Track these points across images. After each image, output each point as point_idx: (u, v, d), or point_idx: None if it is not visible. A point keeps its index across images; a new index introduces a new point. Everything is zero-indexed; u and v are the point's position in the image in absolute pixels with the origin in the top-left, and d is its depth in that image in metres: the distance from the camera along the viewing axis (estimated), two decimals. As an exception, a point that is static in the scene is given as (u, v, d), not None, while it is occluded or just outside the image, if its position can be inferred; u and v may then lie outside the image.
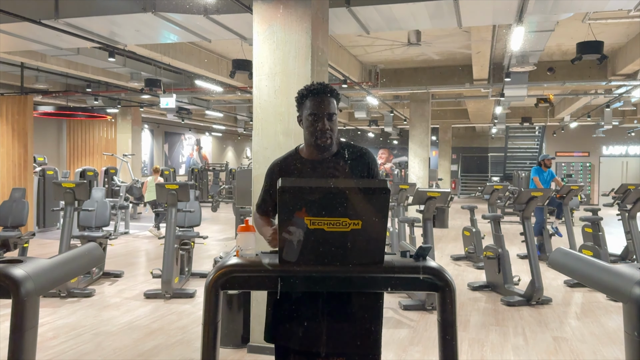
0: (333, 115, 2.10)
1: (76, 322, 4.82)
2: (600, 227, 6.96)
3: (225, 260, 1.79)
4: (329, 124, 2.07)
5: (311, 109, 2.08)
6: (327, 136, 2.07)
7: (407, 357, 4.01)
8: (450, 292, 1.73)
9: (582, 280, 2.11)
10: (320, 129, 2.06)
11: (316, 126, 2.07)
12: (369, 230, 1.69)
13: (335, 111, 2.12)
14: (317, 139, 2.08)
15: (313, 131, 2.08)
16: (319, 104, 2.08)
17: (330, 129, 2.08)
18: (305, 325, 1.91)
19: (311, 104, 2.09)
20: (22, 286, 1.68)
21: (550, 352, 4.16)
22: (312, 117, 2.08)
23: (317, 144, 2.10)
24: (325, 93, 2.09)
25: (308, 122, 2.10)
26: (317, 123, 2.07)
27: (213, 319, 1.70)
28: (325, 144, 2.08)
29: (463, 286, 6.32)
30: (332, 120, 2.09)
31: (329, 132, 2.07)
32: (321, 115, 2.07)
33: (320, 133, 2.07)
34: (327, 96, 2.09)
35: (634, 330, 1.74)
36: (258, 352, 4.00)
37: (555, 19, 6.55)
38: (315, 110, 2.07)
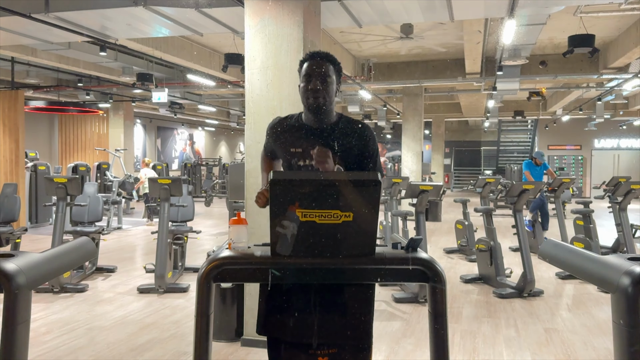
0: (327, 77, 2.10)
1: (69, 317, 4.81)
2: (591, 220, 7.01)
3: (218, 253, 1.79)
4: (322, 85, 2.09)
5: (305, 70, 2.12)
6: (319, 95, 2.08)
7: (400, 349, 4.04)
8: (441, 283, 1.74)
9: (571, 271, 2.13)
10: (312, 87, 2.08)
11: (308, 85, 2.09)
12: (360, 222, 1.70)
13: (330, 74, 2.12)
14: (308, 98, 2.10)
15: (305, 91, 2.10)
16: (314, 65, 2.11)
17: (322, 89, 2.09)
18: (296, 317, 1.92)
19: (306, 67, 2.13)
20: (13, 280, 1.68)
21: (541, 343, 4.20)
22: (305, 77, 2.11)
23: (309, 104, 2.11)
24: (320, 57, 2.13)
25: (303, 84, 2.13)
26: (309, 83, 2.09)
27: (205, 311, 1.71)
28: (317, 103, 2.09)
29: (455, 279, 6.36)
30: (325, 82, 2.10)
31: (321, 91, 2.08)
32: (314, 76, 2.09)
33: (312, 92, 2.08)
34: (322, 60, 2.12)
35: (622, 321, 1.77)
36: (251, 346, 4.01)
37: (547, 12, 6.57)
38: (309, 71, 2.11)
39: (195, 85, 12.18)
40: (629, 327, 1.74)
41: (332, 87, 2.12)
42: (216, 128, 25.80)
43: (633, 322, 1.73)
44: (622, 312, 1.76)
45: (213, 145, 26.68)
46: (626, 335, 1.75)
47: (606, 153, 21.88)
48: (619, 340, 1.79)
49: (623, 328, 1.76)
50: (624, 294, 1.74)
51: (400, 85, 13.04)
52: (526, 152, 24.66)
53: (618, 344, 1.80)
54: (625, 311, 1.74)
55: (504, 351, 4.02)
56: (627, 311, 1.74)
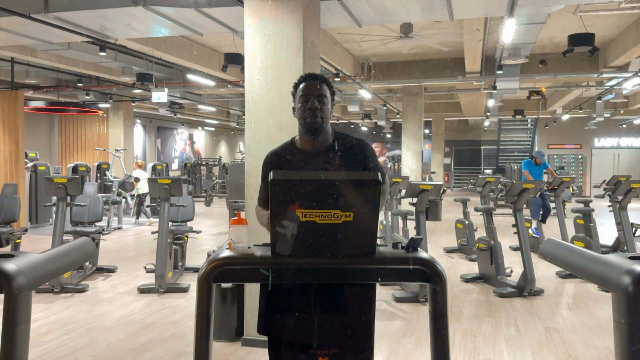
0: (323, 97, 2.12)
1: (69, 318, 4.81)
2: (591, 219, 7.01)
3: (218, 253, 1.79)
4: (319, 105, 2.10)
5: (302, 91, 2.13)
6: (317, 115, 2.08)
7: (400, 348, 4.03)
8: (441, 283, 1.74)
9: (572, 270, 2.13)
10: (310, 107, 2.09)
11: (306, 106, 2.10)
12: (360, 222, 1.69)
13: (327, 95, 2.14)
14: (306, 118, 2.09)
15: (303, 111, 2.10)
16: (310, 86, 2.12)
17: (320, 109, 2.09)
18: (297, 317, 1.92)
19: (302, 88, 2.13)
20: (13, 280, 1.67)
21: (542, 343, 4.20)
22: (302, 98, 2.11)
23: (306, 124, 2.10)
24: (316, 79, 2.14)
25: (299, 105, 2.12)
26: (307, 103, 2.10)
27: (206, 312, 1.71)
28: (315, 122, 2.08)
29: (456, 278, 6.35)
30: (322, 102, 2.11)
31: (318, 111, 2.09)
32: (311, 96, 2.10)
33: (310, 112, 2.08)
34: (318, 81, 2.14)
35: (622, 320, 1.77)
36: (252, 345, 4.01)
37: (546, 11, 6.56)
38: (306, 91, 2.11)
39: (195, 85, 12.18)
40: (629, 326, 1.74)
41: (328, 106, 2.15)
42: (216, 128, 25.80)
43: (634, 321, 1.72)
44: (623, 311, 1.75)
45: (213, 145, 26.68)
46: (627, 334, 1.75)
47: (606, 152, 21.88)
48: (619, 339, 1.79)
49: (624, 327, 1.76)
50: (624, 292, 1.73)
51: (400, 85, 13.04)
52: (526, 151, 24.66)
53: (619, 343, 1.79)
54: (626, 310, 1.74)
55: (504, 350, 4.02)
56: (628, 310, 1.73)
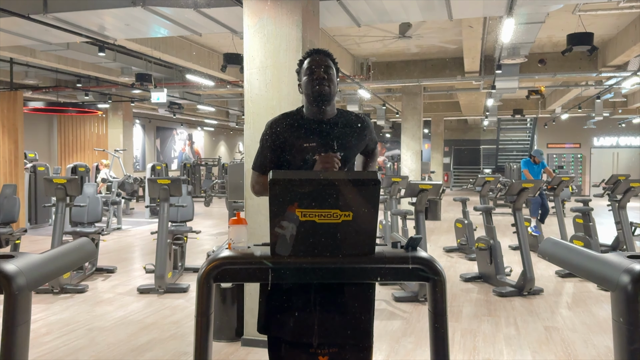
0: (329, 68, 2.17)
1: (69, 318, 4.81)
2: (590, 218, 7.02)
3: (218, 253, 1.79)
4: (326, 75, 2.14)
5: (309, 64, 2.18)
6: (325, 84, 2.13)
7: (400, 348, 4.04)
8: (441, 282, 1.74)
9: (571, 270, 2.13)
10: (317, 76, 2.13)
11: (313, 76, 2.14)
12: (359, 222, 1.70)
13: (332, 67, 2.19)
14: (314, 87, 2.13)
15: (312, 81, 2.14)
16: (315, 60, 2.17)
17: (327, 79, 2.14)
18: (297, 317, 1.92)
19: (309, 61, 2.18)
20: (13, 281, 1.67)
21: (541, 342, 4.21)
22: (309, 70, 2.16)
23: (314, 92, 2.13)
24: (320, 53, 2.20)
25: (306, 76, 2.16)
26: (314, 74, 2.14)
27: (206, 311, 1.71)
28: (323, 91, 2.12)
29: (455, 277, 6.36)
30: (328, 73, 2.15)
31: (326, 80, 2.13)
32: (318, 67, 2.15)
33: (318, 81, 2.13)
34: (324, 55, 2.20)
35: (621, 319, 1.77)
36: (252, 345, 4.02)
37: (545, 10, 6.57)
38: (313, 64, 2.16)
39: (194, 85, 12.18)
40: (628, 325, 1.75)
41: (334, 78, 2.19)
42: (215, 128, 25.79)
43: (633, 320, 1.73)
44: (622, 310, 1.76)
45: (212, 145, 26.67)
46: (626, 333, 1.76)
47: (605, 151, 21.90)
48: (618, 338, 1.79)
49: (623, 326, 1.76)
50: (623, 291, 1.74)
51: (399, 84, 13.04)
52: (525, 151, 24.68)
53: (618, 341, 1.80)
54: (625, 309, 1.75)
55: (504, 349, 4.03)
56: (627, 309, 1.74)
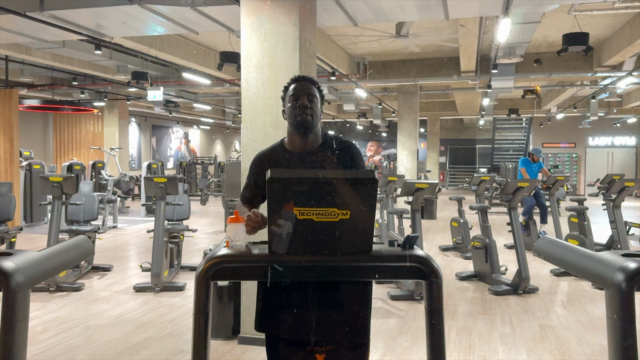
0: (313, 97, 2.15)
1: (66, 316, 4.81)
2: (585, 217, 7.06)
3: (215, 251, 1.80)
4: (309, 104, 2.13)
5: (292, 91, 2.16)
6: (307, 113, 2.12)
7: (396, 346, 4.06)
8: (437, 280, 1.75)
9: (566, 268, 2.14)
10: (300, 104, 2.12)
11: (296, 104, 2.13)
12: (357, 220, 1.71)
13: (316, 95, 2.17)
14: (297, 116, 2.12)
15: (294, 109, 2.13)
16: (300, 87, 2.16)
17: (310, 107, 2.13)
18: (294, 315, 1.93)
19: (293, 88, 2.17)
20: (12, 279, 1.68)
21: (536, 340, 4.23)
22: (292, 97, 2.15)
23: (297, 122, 2.12)
24: (305, 80, 2.19)
25: (290, 104, 2.16)
26: (297, 102, 2.13)
27: (204, 309, 1.72)
28: (305, 120, 2.11)
29: (451, 276, 6.39)
30: (312, 102, 2.14)
31: (308, 109, 2.12)
32: (301, 95, 2.14)
33: (300, 109, 2.12)
34: (307, 82, 2.18)
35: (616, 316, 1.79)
36: (248, 343, 4.03)
37: (541, 10, 6.60)
38: (296, 91, 2.15)
39: (190, 83, 12.17)
40: (622, 322, 1.76)
41: (318, 106, 2.18)
42: (211, 126, 25.76)
43: (627, 317, 1.75)
44: (616, 307, 1.77)
45: (208, 143, 26.64)
46: (620, 331, 1.77)
47: (600, 151, 21.99)
48: (612, 336, 1.81)
49: (617, 323, 1.78)
50: (618, 289, 1.76)
51: (395, 84, 13.07)
52: (521, 150, 24.76)
53: (612, 339, 1.82)
54: (619, 306, 1.76)
55: (499, 347, 4.05)
56: (621, 307, 1.76)
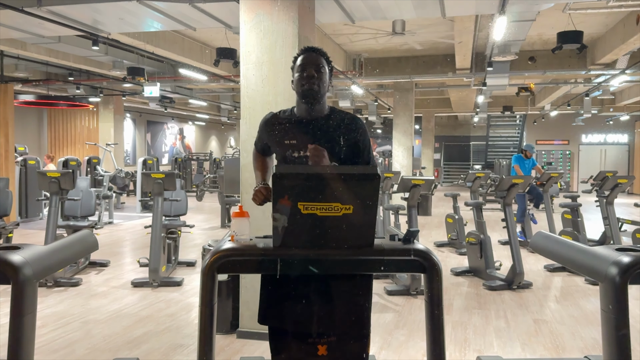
0: (321, 67, 2.21)
1: (64, 311, 4.83)
2: (579, 213, 7.14)
3: (221, 245, 1.84)
4: (317, 74, 2.19)
5: (300, 61, 2.22)
6: (314, 82, 2.17)
7: (393, 340, 4.11)
8: (437, 273, 1.81)
9: (561, 262, 2.21)
10: (308, 74, 2.18)
11: (303, 74, 2.19)
12: (359, 215, 1.75)
13: (324, 66, 2.23)
14: (304, 85, 2.18)
15: (301, 79, 2.19)
16: (308, 57, 2.22)
17: (317, 77, 2.18)
18: (297, 307, 1.98)
19: (301, 59, 2.23)
20: (20, 272, 1.72)
21: (530, 334, 4.30)
22: (300, 68, 2.21)
23: (304, 91, 2.18)
24: (313, 51, 2.25)
25: (297, 74, 2.21)
26: (304, 72, 2.19)
27: (210, 301, 1.76)
28: (312, 89, 2.17)
29: (446, 272, 6.45)
30: (319, 72, 2.20)
31: (315, 79, 2.18)
32: (309, 66, 2.19)
33: (307, 79, 2.17)
34: (316, 53, 2.24)
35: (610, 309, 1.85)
36: (247, 337, 4.07)
37: (536, 9, 6.65)
38: (304, 62, 2.21)
39: (186, 79, 12.15)
40: (616, 314, 1.82)
41: (325, 77, 2.23)
42: (207, 122, 25.72)
43: (620, 309, 1.80)
44: (610, 300, 1.83)
45: (203, 139, 26.59)
46: (614, 322, 1.83)
47: (593, 148, 22.15)
48: (607, 327, 1.87)
49: (611, 315, 1.84)
50: (612, 282, 1.81)
51: (391, 81, 13.11)
52: (515, 147, 24.89)
53: (606, 330, 1.88)
54: (613, 299, 1.82)
55: (494, 341, 4.12)
56: (615, 299, 1.82)
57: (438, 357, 1.77)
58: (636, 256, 1.81)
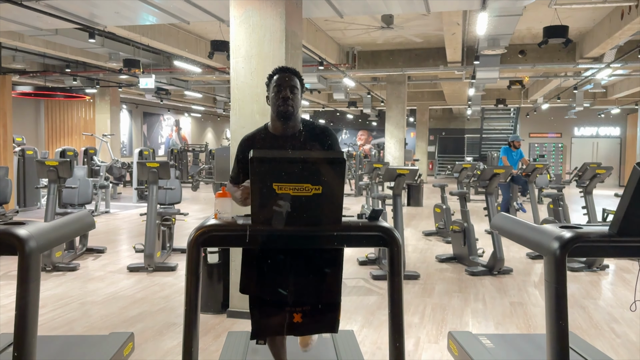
0: (294, 88, 2.40)
1: (63, 293, 5.05)
2: (561, 203, 7.36)
3: (205, 221, 2.06)
4: (291, 95, 2.38)
5: (275, 82, 2.41)
6: (289, 104, 2.36)
7: (374, 319, 4.35)
8: (397, 247, 2.03)
9: (514, 239, 2.44)
10: (283, 96, 2.36)
11: (279, 95, 2.37)
12: (328, 195, 1.97)
13: (297, 87, 2.42)
14: (279, 107, 2.37)
15: (276, 100, 2.38)
16: (282, 78, 2.40)
17: (291, 98, 2.37)
18: (274, 278, 2.20)
19: (276, 79, 2.41)
20: (26, 244, 1.94)
21: (505, 315, 4.54)
22: (276, 88, 2.39)
23: (279, 112, 2.37)
24: (288, 71, 2.43)
25: (273, 94, 2.40)
26: (279, 93, 2.37)
27: (195, 271, 1.98)
28: (287, 110, 2.36)
29: (431, 259, 6.69)
30: (293, 93, 2.39)
31: (290, 100, 2.37)
32: (283, 86, 2.38)
33: (282, 101, 2.36)
34: (289, 74, 2.42)
35: (552, 279, 2.08)
36: (236, 317, 4.30)
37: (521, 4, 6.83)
38: (279, 82, 2.39)
39: (181, 71, 12.32)
40: (556, 284, 2.06)
41: (298, 96, 2.43)
42: (202, 114, 25.87)
43: (559, 280, 2.04)
44: (552, 272, 2.07)
45: (199, 131, 26.76)
46: (554, 292, 2.07)
47: (586, 141, 22.41)
48: (548, 296, 2.11)
49: (552, 285, 2.08)
50: (553, 255, 2.05)
51: (383, 73, 13.29)
52: (509, 140, 25.08)
53: (548, 299, 2.11)
54: (554, 271, 2.06)
55: (470, 321, 4.36)
56: (556, 271, 2.05)
57: (397, 317, 2.02)
58: (575, 232, 2.05)
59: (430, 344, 3.84)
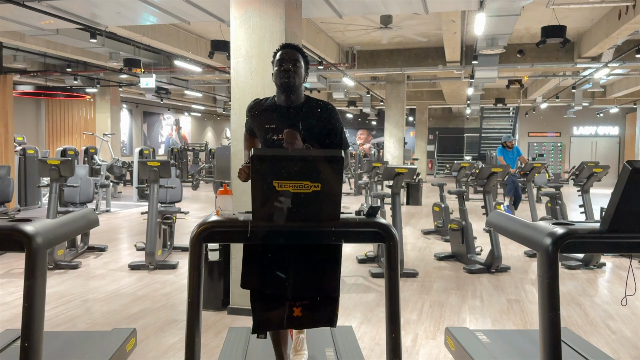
0: (297, 62, 2.51)
1: (65, 291, 5.11)
2: (559, 202, 7.42)
3: (207, 218, 2.12)
4: (293, 68, 2.49)
5: (279, 56, 2.53)
6: (290, 75, 2.48)
7: (373, 316, 4.41)
8: (394, 243, 2.09)
9: (508, 236, 2.50)
10: (285, 69, 2.49)
11: (281, 68, 2.49)
12: (327, 192, 2.02)
13: (300, 60, 2.53)
14: (281, 78, 2.49)
15: (278, 72, 2.50)
16: (285, 53, 2.53)
17: (293, 71, 2.48)
18: (274, 273, 2.26)
19: (280, 54, 2.54)
20: (33, 240, 2.00)
21: (502, 312, 4.60)
22: (279, 62, 2.51)
23: (281, 83, 2.49)
24: (291, 47, 2.55)
25: (276, 67, 2.52)
26: (282, 66, 2.49)
27: (197, 266, 2.04)
28: (289, 82, 2.48)
29: (430, 257, 6.75)
30: (296, 66, 2.50)
31: (292, 72, 2.48)
32: (286, 60, 2.50)
33: (284, 73, 2.48)
34: (293, 49, 2.55)
35: (544, 274, 2.13)
36: (237, 314, 4.36)
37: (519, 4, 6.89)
38: (282, 57, 2.51)
39: (181, 70, 12.37)
40: (549, 280, 2.11)
41: (301, 70, 2.54)
42: (202, 113, 25.93)
43: (552, 275, 2.09)
44: (544, 267, 2.12)
45: (199, 130, 26.81)
46: (547, 287, 2.12)
47: (584, 140, 22.47)
48: (541, 291, 2.16)
49: (545, 280, 2.13)
50: (545, 251, 2.10)
51: (383, 73, 13.34)
52: (508, 139, 25.14)
53: (540, 293, 2.17)
54: (547, 266, 2.11)
55: (467, 318, 4.41)
56: (548, 266, 2.10)
57: (393, 310, 2.08)
58: (567, 228, 2.10)
59: (428, 340, 3.90)
